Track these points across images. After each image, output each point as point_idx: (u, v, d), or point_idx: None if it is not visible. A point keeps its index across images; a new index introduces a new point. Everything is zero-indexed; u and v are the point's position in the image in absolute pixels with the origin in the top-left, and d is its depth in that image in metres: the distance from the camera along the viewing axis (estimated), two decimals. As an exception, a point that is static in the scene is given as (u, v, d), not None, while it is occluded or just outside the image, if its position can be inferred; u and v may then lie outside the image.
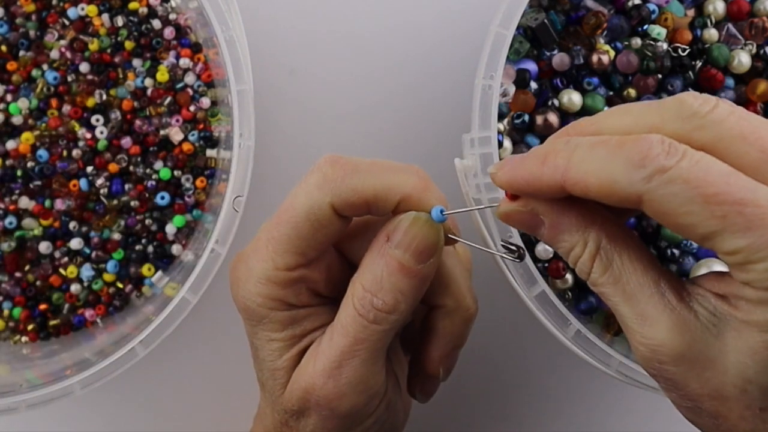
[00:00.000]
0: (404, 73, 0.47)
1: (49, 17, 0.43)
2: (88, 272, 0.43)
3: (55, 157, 0.43)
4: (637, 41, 0.41)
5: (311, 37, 0.47)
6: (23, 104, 0.43)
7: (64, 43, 0.43)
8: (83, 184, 0.43)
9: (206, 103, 0.44)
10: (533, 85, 0.41)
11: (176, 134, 0.43)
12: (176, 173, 0.43)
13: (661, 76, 0.41)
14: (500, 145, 0.39)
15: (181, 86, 0.44)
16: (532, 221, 0.27)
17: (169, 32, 0.43)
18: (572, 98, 0.40)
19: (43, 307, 0.43)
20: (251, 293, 0.30)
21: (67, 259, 0.44)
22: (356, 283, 0.30)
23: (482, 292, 0.35)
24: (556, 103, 0.41)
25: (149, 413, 0.47)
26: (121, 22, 0.43)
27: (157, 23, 0.43)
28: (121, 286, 0.44)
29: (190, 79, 0.44)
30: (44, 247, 0.43)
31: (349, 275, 0.30)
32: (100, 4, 0.43)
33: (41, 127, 0.43)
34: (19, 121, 0.43)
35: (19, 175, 0.43)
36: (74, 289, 0.44)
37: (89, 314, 0.44)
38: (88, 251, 0.44)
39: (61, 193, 0.43)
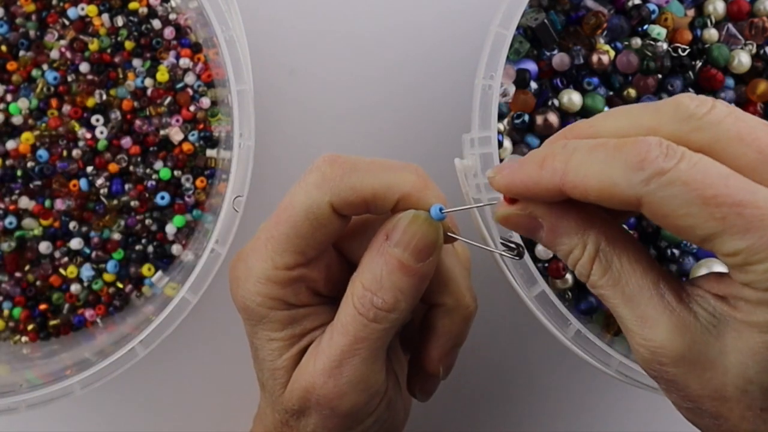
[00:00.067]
0: (404, 73, 0.47)
1: (49, 17, 0.43)
2: (88, 272, 0.43)
3: (55, 157, 0.43)
4: (637, 41, 0.41)
5: (311, 37, 0.47)
6: (23, 104, 0.43)
7: (64, 43, 0.44)
8: (83, 184, 0.43)
9: (206, 103, 0.44)
10: (533, 85, 0.41)
11: (176, 134, 0.43)
12: (176, 173, 0.43)
13: (661, 76, 0.41)
14: (500, 145, 0.39)
15: (181, 86, 0.44)
16: (530, 224, 0.27)
17: (169, 32, 0.43)
18: (572, 98, 0.40)
19: (43, 307, 0.43)
20: (251, 293, 0.30)
21: (67, 259, 0.44)
22: (356, 281, 0.30)
23: (482, 292, 0.35)
24: (556, 103, 0.41)
25: (149, 413, 0.47)
26: (121, 22, 0.43)
27: (157, 23, 0.43)
28: (121, 286, 0.44)
29: (190, 79, 0.44)
30: (44, 247, 0.43)
31: (348, 274, 0.30)
32: (100, 4, 0.43)
33: (41, 127, 0.43)
34: (19, 121, 0.43)
35: (19, 175, 0.43)
36: (74, 289, 0.44)
37: (89, 314, 0.44)
38: (88, 251, 0.44)
39: (61, 193, 0.43)
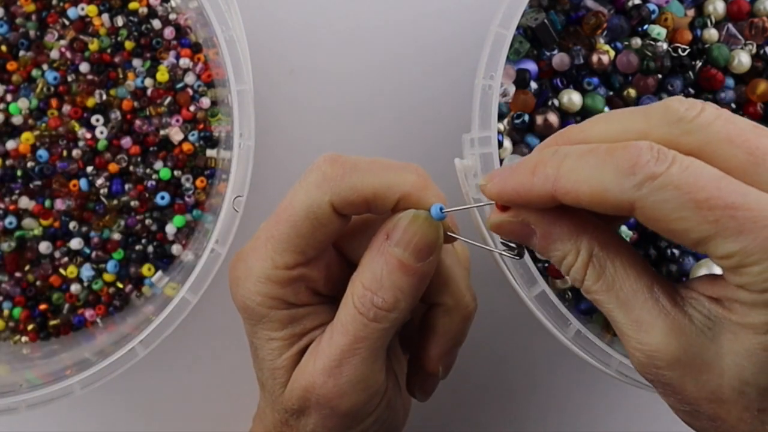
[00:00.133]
0: (404, 73, 0.47)
1: (49, 17, 0.43)
2: (88, 272, 0.43)
3: (55, 157, 0.43)
4: (637, 41, 0.41)
5: (311, 37, 0.47)
6: (23, 104, 0.43)
7: (64, 43, 0.44)
8: (83, 184, 0.43)
9: (206, 103, 0.44)
10: (533, 85, 0.41)
11: (176, 134, 0.43)
12: (176, 173, 0.43)
13: (661, 76, 0.41)
14: (500, 145, 0.39)
15: (181, 86, 0.44)
16: (523, 231, 0.27)
17: (169, 32, 0.43)
18: (572, 98, 0.40)
19: (43, 307, 0.43)
20: (250, 292, 0.30)
21: (67, 259, 0.44)
22: (356, 281, 0.30)
23: (482, 292, 0.35)
24: (556, 103, 0.41)
25: (149, 413, 0.47)
26: (121, 22, 0.43)
27: (157, 23, 0.43)
28: (121, 286, 0.44)
29: (190, 79, 0.44)
30: (44, 247, 0.43)
31: (348, 274, 0.30)
32: (100, 4, 0.43)
33: (41, 127, 0.43)
34: (19, 121, 0.43)
35: (19, 175, 0.43)
36: (74, 289, 0.44)
37: (89, 314, 0.44)
38: (88, 251, 0.44)
39: (61, 193, 0.43)
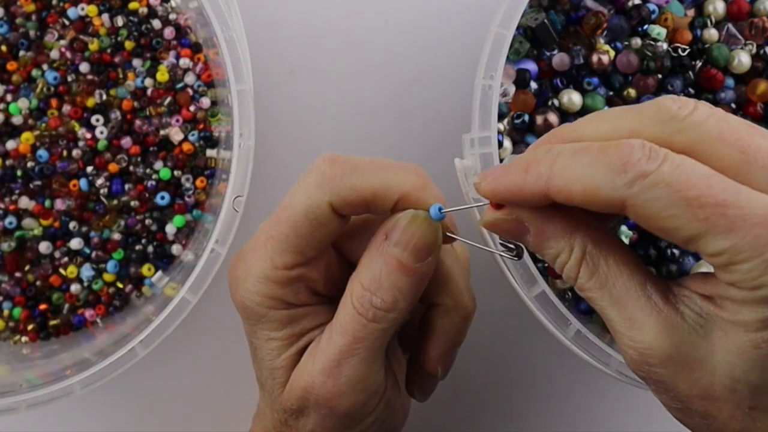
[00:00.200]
0: (404, 73, 0.47)
1: (49, 17, 0.43)
2: (88, 272, 0.43)
3: (55, 157, 0.43)
4: (637, 41, 0.41)
5: (311, 37, 0.47)
6: (23, 104, 0.43)
7: (64, 43, 0.44)
8: (83, 184, 0.43)
9: (206, 103, 0.44)
10: (533, 85, 0.41)
11: (176, 134, 0.43)
12: (176, 173, 0.43)
13: (661, 76, 0.41)
14: (500, 145, 0.39)
15: (181, 86, 0.44)
16: (517, 229, 0.27)
17: (169, 32, 0.43)
18: (572, 98, 0.40)
19: (43, 307, 0.43)
20: (250, 292, 0.30)
21: (67, 259, 0.44)
22: (355, 281, 0.30)
23: (482, 292, 0.35)
24: (556, 103, 0.41)
25: (149, 413, 0.47)
26: (121, 22, 0.43)
27: (157, 23, 0.43)
28: (121, 286, 0.44)
29: (190, 79, 0.44)
30: (44, 247, 0.43)
31: (347, 274, 0.30)
32: (100, 4, 0.43)
33: (41, 127, 0.43)
34: (19, 121, 0.43)
35: (19, 175, 0.43)
36: (74, 289, 0.44)
37: (89, 314, 0.44)
38: (88, 251, 0.44)
39: (61, 193, 0.43)
